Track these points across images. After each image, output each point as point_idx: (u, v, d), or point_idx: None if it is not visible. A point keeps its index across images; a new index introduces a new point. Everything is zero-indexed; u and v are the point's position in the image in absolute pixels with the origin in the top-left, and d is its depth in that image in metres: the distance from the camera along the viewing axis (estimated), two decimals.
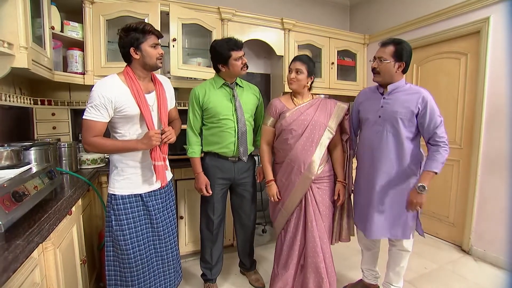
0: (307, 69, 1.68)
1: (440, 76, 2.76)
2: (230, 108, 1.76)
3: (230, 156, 1.80)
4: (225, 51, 1.67)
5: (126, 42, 1.35)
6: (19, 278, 0.84)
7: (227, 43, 1.68)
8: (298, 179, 1.67)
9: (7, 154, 1.27)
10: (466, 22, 2.46)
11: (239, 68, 1.72)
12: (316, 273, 1.65)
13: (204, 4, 2.54)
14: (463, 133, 2.57)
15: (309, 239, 1.67)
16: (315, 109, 1.71)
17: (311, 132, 1.67)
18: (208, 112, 1.75)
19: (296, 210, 1.72)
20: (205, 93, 1.75)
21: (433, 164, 1.51)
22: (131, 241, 1.41)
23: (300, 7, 3.43)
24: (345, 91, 3.34)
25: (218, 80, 1.78)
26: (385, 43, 1.60)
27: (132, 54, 1.36)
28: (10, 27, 1.40)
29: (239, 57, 1.69)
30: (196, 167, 1.79)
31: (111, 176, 1.45)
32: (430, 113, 1.51)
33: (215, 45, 1.71)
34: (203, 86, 1.78)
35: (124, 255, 1.41)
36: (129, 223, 1.41)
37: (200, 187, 1.78)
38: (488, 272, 2.23)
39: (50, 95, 2.30)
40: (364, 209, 1.71)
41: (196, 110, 1.77)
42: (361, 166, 1.76)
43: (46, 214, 1.07)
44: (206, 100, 1.74)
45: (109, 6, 2.20)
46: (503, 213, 2.28)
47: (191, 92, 1.78)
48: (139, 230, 1.44)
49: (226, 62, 1.70)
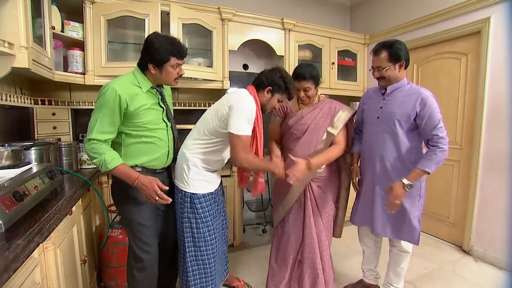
0: (314, 83, 1.66)
1: (441, 76, 2.75)
2: (161, 115, 1.47)
3: (159, 169, 1.50)
4: (164, 52, 1.36)
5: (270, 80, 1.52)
6: (19, 278, 0.84)
7: (171, 45, 1.38)
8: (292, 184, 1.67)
9: (7, 154, 1.28)
10: (467, 22, 2.46)
11: (172, 77, 1.43)
12: (312, 268, 1.68)
13: (204, 4, 2.54)
14: (464, 133, 2.57)
15: (306, 235, 1.70)
16: (317, 112, 1.71)
17: (311, 135, 1.69)
18: (135, 120, 1.37)
19: (295, 205, 1.75)
20: (130, 98, 1.35)
21: (426, 163, 1.49)
22: (215, 236, 1.56)
23: (301, 7, 3.43)
24: (346, 91, 3.34)
25: (144, 82, 1.41)
26: (377, 51, 1.57)
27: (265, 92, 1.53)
28: (10, 27, 1.40)
29: (177, 65, 1.42)
30: (129, 172, 1.33)
31: (187, 175, 1.51)
32: (429, 114, 1.49)
33: (153, 40, 1.37)
34: (125, 88, 1.34)
35: (209, 249, 1.54)
36: (211, 219, 1.55)
37: (153, 189, 1.32)
38: (489, 273, 2.23)
39: (51, 95, 2.30)
40: (367, 208, 1.72)
41: (116, 115, 1.32)
42: (363, 167, 1.76)
43: (47, 214, 1.07)
44: (132, 106, 1.34)
45: (110, 6, 2.20)
46: (503, 213, 2.27)
47: (107, 91, 1.31)
48: (217, 224, 1.61)
49: (160, 65, 1.38)
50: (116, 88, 1.30)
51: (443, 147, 1.47)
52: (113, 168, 1.30)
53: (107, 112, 1.30)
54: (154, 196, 1.32)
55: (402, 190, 1.50)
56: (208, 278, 1.58)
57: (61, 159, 1.82)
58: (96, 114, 1.31)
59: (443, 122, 1.51)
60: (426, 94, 1.52)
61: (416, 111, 1.52)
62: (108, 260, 1.80)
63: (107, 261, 1.81)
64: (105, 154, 1.29)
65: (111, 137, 1.35)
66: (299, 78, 1.64)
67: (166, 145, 1.49)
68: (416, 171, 1.50)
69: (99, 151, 1.29)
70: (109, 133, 1.32)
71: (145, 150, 1.42)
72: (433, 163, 1.47)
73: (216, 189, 1.62)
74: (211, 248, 1.55)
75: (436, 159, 1.47)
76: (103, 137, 1.30)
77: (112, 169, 1.30)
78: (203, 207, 1.52)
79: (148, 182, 1.32)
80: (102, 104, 1.31)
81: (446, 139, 1.49)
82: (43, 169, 1.26)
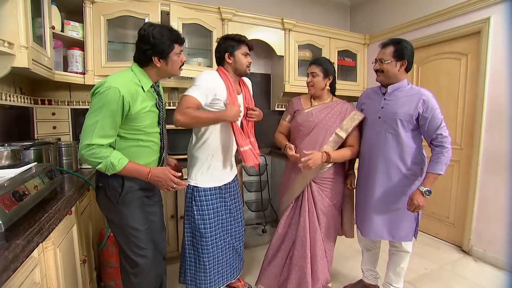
0: (322, 71, 1.70)
1: (441, 76, 2.75)
2: (156, 118, 1.38)
3: None
4: (167, 41, 1.28)
5: (222, 48, 1.58)
6: (19, 278, 0.84)
7: (170, 32, 1.30)
8: (297, 175, 1.73)
9: (7, 153, 1.27)
10: (467, 22, 2.46)
11: (177, 66, 1.37)
12: (300, 267, 1.69)
13: (204, 4, 2.54)
14: (464, 134, 2.58)
15: (298, 233, 1.72)
16: (327, 112, 1.72)
17: (317, 134, 1.70)
18: (133, 123, 1.28)
19: (292, 204, 1.77)
20: (132, 99, 1.23)
21: (437, 166, 1.50)
22: (210, 230, 1.60)
23: (301, 7, 3.43)
24: (346, 91, 3.33)
25: (145, 80, 1.31)
26: (385, 44, 1.60)
27: (226, 59, 1.58)
28: (10, 26, 1.39)
29: (180, 52, 1.36)
30: (139, 168, 1.28)
31: (193, 169, 1.63)
32: (432, 115, 1.51)
33: (153, 31, 1.26)
34: (127, 88, 1.22)
35: (204, 242, 1.60)
36: (209, 213, 1.60)
37: (169, 178, 1.30)
38: (488, 273, 2.23)
39: (51, 94, 2.30)
40: (363, 209, 1.72)
41: (118, 118, 1.21)
42: (362, 166, 1.76)
43: (46, 214, 1.07)
44: (134, 109, 1.24)
45: (110, 6, 2.20)
46: (503, 213, 2.27)
47: (108, 91, 1.17)
48: (216, 220, 1.64)
49: (165, 56, 1.30)
50: (119, 88, 1.18)
51: (448, 146, 1.50)
52: (122, 168, 1.22)
53: (108, 114, 1.17)
54: (172, 184, 1.30)
55: (422, 198, 1.50)
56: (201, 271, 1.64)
57: (61, 159, 1.81)
58: (95, 116, 1.17)
59: (444, 121, 1.52)
60: (428, 95, 1.53)
61: (419, 111, 1.52)
62: (107, 260, 1.80)
63: (107, 261, 1.81)
64: (110, 156, 1.20)
65: (112, 142, 1.24)
66: (310, 63, 1.76)
67: (160, 149, 1.43)
68: (430, 176, 1.51)
69: (102, 155, 1.18)
70: (111, 137, 1.22)
71: (141, 154, 1.34)
72: (443, 164, 1.49)
73: (223, 186, 1.66)
74: (206, 241, 1.60)
75: (445, 160, 1.49)
76: (104, 141, 1.19)
77: (120, 170, 1.22)
78: (201, 200, 1.60)
79: (162, 173, 1.29)
80: (102, 105, 1.17)
81: (449, 138, 1.51)
82: (43, 169, 1.25)
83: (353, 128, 1.69)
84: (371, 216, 1.66)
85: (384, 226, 1.65)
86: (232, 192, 1.77)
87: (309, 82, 1.74)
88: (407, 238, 1.64)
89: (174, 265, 2.29)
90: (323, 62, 1.74)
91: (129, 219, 1.34)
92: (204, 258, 1.63)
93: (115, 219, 1.36)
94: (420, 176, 1.60)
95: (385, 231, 1.65)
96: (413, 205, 1.52)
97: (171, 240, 2.26)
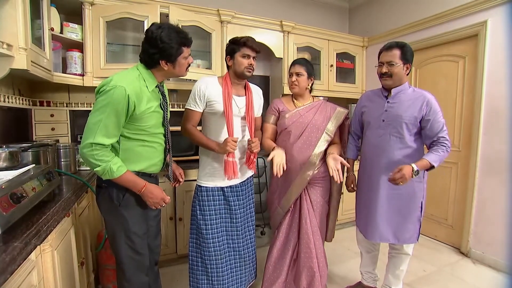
0: (306, 71, 1.74)
1: (439, 79, 2.77)
2: (161, 118, 1.37)
3: (153, 173, 1.42)
4: (176, 45, 1.26)
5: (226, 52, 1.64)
6: (16, 280, 0.84)
7: (178, 35, 1.27)
8: (294, 179, 1.73)
9: (5, 155, 1.27)
10: (464, 25, 2.48)
11: (184, 68, 1.36)
12: (309, 268, 1.71)
13: (203, 6, 2.54)
14: (462, 136, 2.59)
15: (302, 235, 1.73)
16: (314, 112, 1.75)
17: (309, 135, 1.71)
18: (138, 123, 1.26)
19: (291, 208, 1.78)
20: (138, 99, 1.22)
21: (434, 156, 1.49)
22: (211, 231, 1.61)
23: (300, 9, 3.44)
24: (344, 93, 3.35)
25: (150, 80, 1.30)
26: (389, 47, 1.57)
27: (227, 62, 1.63)
28: (9, 28, 1.39)
29: (188, 55, 1.35)
30: (136, 179, 1.26)
31: (199, 169, 1.69)
32: (434, 117, 1.52)
33: (161, 34, 1.23)
34: (133, 87, 1.20)
35: (205, 242, 1.61)
36: (210, 214, 1.62)
37: (161, 197, 1.32)
38: (487, 275, 2.23)
39: (49, 96, 2.30)
40: (367, 212, 1.71)
41: (123, 118, 1.19)
42: (364, 169, 1.76)
43: (44, 216, 1.06)
44: (139, 109, 1.23)
45: (109, 8, 2.21)
46: (501, 215, 2.28)
47: (114, 90, 1.15)
48: (218, 222, 1.64)
49: (173, 60, 1.28)
50: (125, 87, 1.16)
51: (449, 148, 1.52)
52: (119, 176, 1.19)
53: (113, 113, 1.15)
54: (161, 204, 1.31)
55: (410, 174, 1.45)
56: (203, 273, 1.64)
57: (59, 161, 1.81)
58: (99, 115, 1.14)
59: (446, 126, 1.54)
60: (431, 98, 1.54)
61: (422, 114, 1.54)
62: (105, 262, 1.79)
63: (105, 264, 1.80)
64: (111, 161, 1.16)
65: (115, 142, 1.21)
66: (294, 64, 1.78)
67: (164, 149, 1.42)
68: (424, 161, 1.49)
69: (103, 158, 1.15)
70: (114, 137, 1.19)
71: (146, 154, 1.32)
72: (439, 158, 1.50)
73: (228, 188, 1.66)
74: (207, 243, 1.61)
75: (442, 156, 1.50)
76: (107, 141, 1.16)
77: (117, 177, 1.19)
78: (203, 200, 1.63)
79: (156, 191, 1.29)
80: (107, 104, 1.14)
81: (450, 141, 1.53)
82: (41, 171, 1.25)
83: (338, 125, 1.75)
84: (376, 220, 1.65)
85: (389, 229, 1.65)
86: (239, 195, 1.71)
87: (294, 81, 1.75)
88: (412, 240, 1.64)
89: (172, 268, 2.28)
90: (306, 62, 1.77)
91: (129, 223, 1.31)
92: (206, 261, 1.63)
93: (114, 221, 1.33)
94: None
95: (391, 234, 1.65)
96: (399, 175, 1.44)
97: (170, 243, 2.25)
